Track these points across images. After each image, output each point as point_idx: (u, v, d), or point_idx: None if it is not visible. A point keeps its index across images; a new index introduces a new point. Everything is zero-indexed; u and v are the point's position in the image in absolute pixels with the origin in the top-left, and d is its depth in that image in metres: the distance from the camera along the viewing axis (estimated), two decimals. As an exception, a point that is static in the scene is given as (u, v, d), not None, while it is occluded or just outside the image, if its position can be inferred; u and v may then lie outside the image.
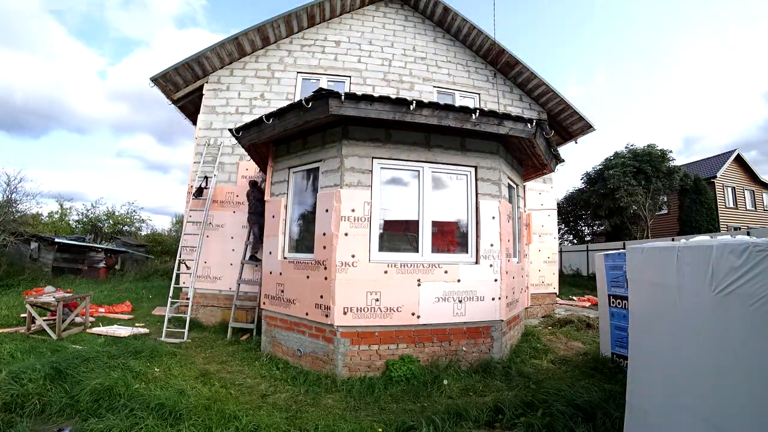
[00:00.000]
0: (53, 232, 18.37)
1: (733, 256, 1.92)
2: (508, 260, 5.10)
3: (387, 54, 8.82)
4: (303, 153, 5.09)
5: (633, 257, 2.72)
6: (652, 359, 2.48)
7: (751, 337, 1.84)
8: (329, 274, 4.35)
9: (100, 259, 15.29)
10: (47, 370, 3.67)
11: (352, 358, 4.28)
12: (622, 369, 4.35)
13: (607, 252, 5.25)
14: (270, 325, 5.18)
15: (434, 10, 8.96)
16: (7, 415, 3.05)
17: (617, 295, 4.96)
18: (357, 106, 4.09)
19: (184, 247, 7.06)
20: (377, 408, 3.56)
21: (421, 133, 4.75)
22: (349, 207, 4.46)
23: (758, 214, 23.62)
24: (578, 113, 9.00)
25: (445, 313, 4.55)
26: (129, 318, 7.55)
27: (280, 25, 8.09)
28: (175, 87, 7.98)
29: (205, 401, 3.35)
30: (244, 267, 6.87)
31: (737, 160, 23.77)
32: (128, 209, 24.84)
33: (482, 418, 3.23)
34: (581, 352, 5.56)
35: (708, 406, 2.03)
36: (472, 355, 4.65)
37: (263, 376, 4.39)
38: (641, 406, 2.50)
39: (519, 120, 4.58)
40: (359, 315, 4.31)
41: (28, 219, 14.40)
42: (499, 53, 8.77)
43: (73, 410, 3.23)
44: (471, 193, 4.96)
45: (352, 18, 8.89)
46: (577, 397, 3.36)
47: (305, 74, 8.38)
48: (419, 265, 4.55)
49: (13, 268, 11.80)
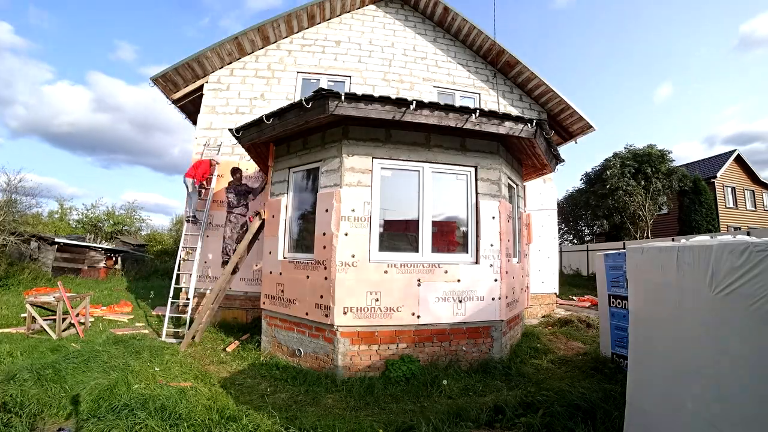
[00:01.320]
0: (53, 232, 18.35)
1: (733, 256, 1.91)
2: (508, 260, 5.10)
3: (387, 54, 8.82)
4: (303, 153, 5.09)
5: (633, 257, 2.72)
6: (652, 359, 2.48)
7: (751, 337, 1.83)
8: (329, 274, 4.35)
9: (100, 259, 15.28)
10: (47, 369, 3.67)
11: (352, 358, 4.28)
12: (622, 369, 4.35)
13: (607, 252, 5.25)
14: (270, 325, 5.18)
15: (434, 10, 8.96)
16: (6, 415, 3.05)
17: (617, 295, 4.96)
18: (357, 106, 4.09)
19: (184, 247, 7.06)
20: (377, 408, 3.56)
21: (421, 132, 4.75)
22: (349, 207, 4.46)
23: (758, 214, 23.62)
24: (578, 113, 9.00)
25: (445, 313, 4.55)
26: (129, 318, 7.55)
27: (281, 24, 8.09)
28: (175, 87, 7.97)
29: (205, 401, 3.35)
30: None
31: (737, 160, 23.77)
32: (128, 209, 24.87)
33: (482, 418, 3.22)
34: (581, 352, 5.56)
35: (708, 406, 2.02)
36: (472, 355, 4.65)
37: (263, 375, 4.39)
38: (641, 406, 2.50)
39: (519, 120, 4.58)
40: (359, 315, 4.31)
41: (28, 219, 14.38)
42: (499, 53, 8.77)
43: (73, 410, 3.23)
44: (471, 193, 4.96)
45: (353, 18, 8.90)
46: (577, 397, 3.36)
47: (305, 74, 8.38)
48: (419, 265, 4.55)
49: (13, 268, 11.79)
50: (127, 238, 23.23)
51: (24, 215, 13.57)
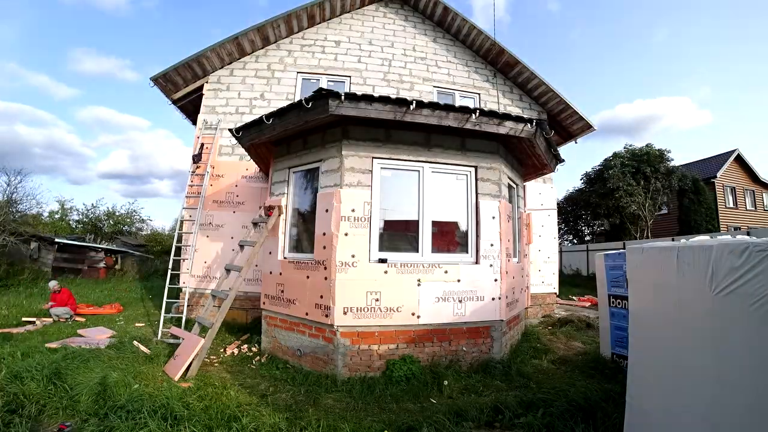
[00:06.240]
0: (53, 232, 18.33)
1: (733, 256, 1.92)
2: (508, 260, 5.10)
3: (387, 54, 8.82)
4: (303, 153, 5.09)
5: (633, 257, 2.72)
6: (652, 359, 2.48)
7: (751, 337, 1.84)
8: (329, 274, 4.35)
9: (100, 259, 15.27)
10: (47, 369, 3.67)
11: (352, 358, 4.28)
12: (622, 369, 4.35)
13: (607, 252, 5.25)
14: (270, 325, 5.18)
15: (434, 10, 8.96)
16: (7, 416, 3.05)
17: (617, 295, 4.96)
18: (357, 106, 4.09)
19: (185, 247, 7.06)
20: (378, 408, 3.56)
21: (421, 133, 4.75)
22: (349, 207, 4.46)
23: (758, 214, 23.61)
24: (578, 113, 9.00)
25: (445, 313, 4.55)
26: (117, 318, 7.55)
27: (280, 25, 8.09)
28: (175, 87, 7.98)
29: (205, 401, 3.35)
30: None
31: (737, 160, 23.76)
32: (128, 209, 24.87)
33: (482, 418, 3.23)
34: (581, 352, 5.56)
35: (708, 405, 2.03)
36: (472, 355, 4.65)
37: (263, 376, 4.39)
38: (641, 406, 2.50)
39: (519, 120, 4.58)
40: (359, 315, 4.31)
41: (28, 219, 14.38)
42: (499, 53, 8.77)
43: (73, 411, 3.23)
44: (471, 193, 4.96)
45: (352, 18, 8.89)
46: (577, 397, 3.37)
47: (305, 74, 8.37)
48: (419, 265, 4.55)
49: (14, 268, 11.80)
50: (127, 238, 23.24)
51: (24, 215, 13.58)
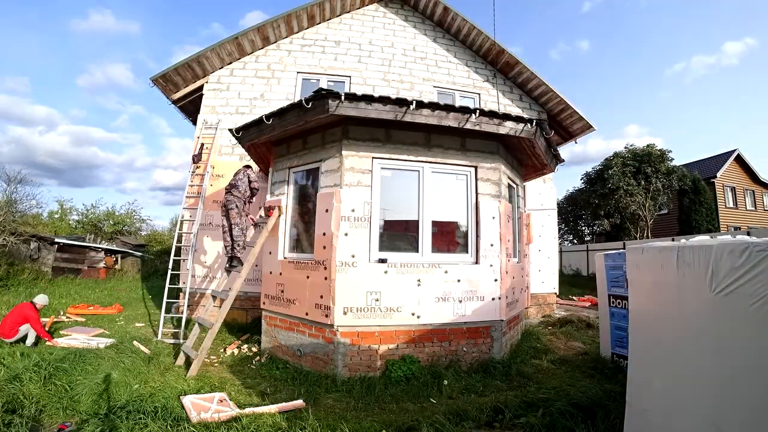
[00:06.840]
0: (53, 232, 18.33)
1: (733, 256, 1.91)
2: (508, 260, 5.09)
3: (387, 54, 8.82)
4: (303, 153, 5.09)
5: (633, 257, 2.72)
6: (652, 359, 2.48)
7: (751, 337, 1.83)
8: (329, 274, 4.35)
9: (100, 259, 15.26)
10: (47, 369, 3.67)
11: (352, 358, 4.28)
12: (622, 369, 4.35)
13: (607, 252, 5.25)
14: (270, 325, 5.18)
15: (434, 9, 8.96)
16: (7, 416, 3.05)
17: (617, 295, 4.96)
18: (357, 106, 4.09)
19: (185, 247, 7.06)
20: (378, 408, 3.56)
21: (421, 133, 4.75)
22: (349, 207, 4.46)
23: (758, 214, 23.60)
24: (578, 113, 9.01)
25: (445, 313, 4.55)
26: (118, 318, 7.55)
27: (280, 25, 8.10)
28: (174, 87, 7.98)
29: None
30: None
31: (737, 160, 23.76)
32: (128, 209, 24.87)
33: (482, 418, 3.22)
34: (581, 352, 5.56)
35: (708, 406, 2.02)
36: (472, 355, 4.65)
37: (263, 375, 4.39)
38: (641, 406, 2.50)
39: (519, 120, 4.58)
40: (359, 315, 4.31)
41: (28, 219, 14.37)
42: (499, 53, 8.77)
43: (73, 411, 3.23)
44: (471, 193, 4.95)
45: (352, 18, 8.90)
46: (577, 397, 3.37)
47: (305, 74, 8.38)
48: (419, 265, 4.55)
49: (14, 268, 11.78)
50: (127, 238, 23.20)
51: (24, 215, 13.57)
